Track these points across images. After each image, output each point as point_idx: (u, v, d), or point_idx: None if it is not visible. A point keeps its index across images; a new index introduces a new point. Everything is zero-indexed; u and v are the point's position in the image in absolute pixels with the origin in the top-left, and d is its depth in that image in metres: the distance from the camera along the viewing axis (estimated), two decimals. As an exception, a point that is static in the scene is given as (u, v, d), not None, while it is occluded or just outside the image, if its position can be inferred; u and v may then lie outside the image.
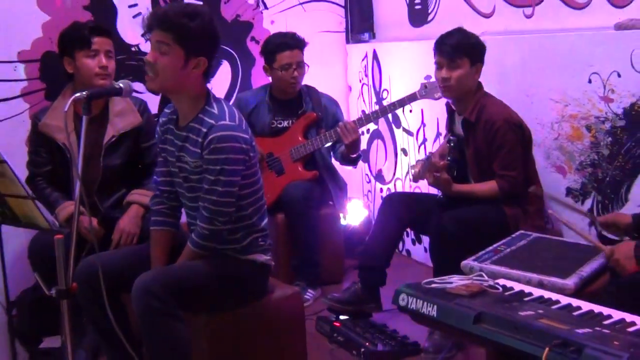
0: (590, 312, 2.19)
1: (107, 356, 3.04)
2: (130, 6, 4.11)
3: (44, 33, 3.87)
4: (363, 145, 4.35)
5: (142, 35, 4.09)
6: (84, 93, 2.47)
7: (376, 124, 4.55)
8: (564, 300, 2.32)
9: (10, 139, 3.51)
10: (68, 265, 2.28)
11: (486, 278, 2.50)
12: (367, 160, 4.77)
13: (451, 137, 3.44)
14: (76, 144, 3.14)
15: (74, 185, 2.92)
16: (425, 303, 2.36)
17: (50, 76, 3.88)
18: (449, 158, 3.34)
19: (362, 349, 3.24)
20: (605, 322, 2.09)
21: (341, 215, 4.37)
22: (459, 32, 3.38)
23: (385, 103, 4.39)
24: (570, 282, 2.54)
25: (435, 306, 2.33)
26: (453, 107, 3.53)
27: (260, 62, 4.42)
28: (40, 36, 3.88)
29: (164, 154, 2.94)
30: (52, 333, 3.41)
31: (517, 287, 2.46)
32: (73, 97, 2.48)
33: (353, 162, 4.16)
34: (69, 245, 2.26)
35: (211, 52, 2.75)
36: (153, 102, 3.86)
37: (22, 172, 3.34)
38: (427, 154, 3.58)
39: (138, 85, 3.87)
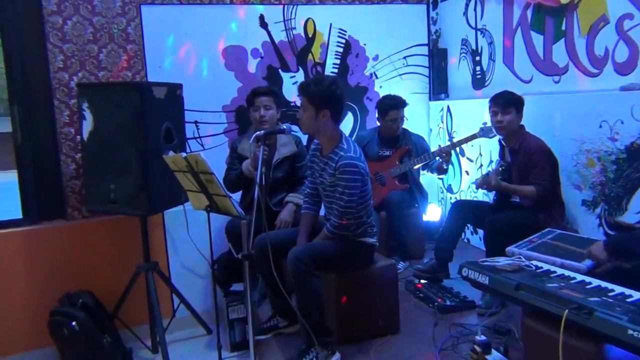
0: (599, 286, 2.07)
1: (270, 297, 3.11)
2: (291, 77, 4.20)
3: (238, 94, 4.00)
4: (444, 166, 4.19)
5: (298, 96, 4.17)
6: (262, 132, 2.55)
7: (448, 153, 4.45)
8: (579, 277, 2.19)
9: (216, 160, 3.65)
10: (249, 239, 2.35)
11: (523, 260, 2.40)
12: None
13: (502, 162, 3.33)
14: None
15: (254, 189, 3.00)
16: (480, 274, 2.30)
17: (241, 120, 4.00)
18: (499, 177, 3.23)
19: (436, 303, 3.19)
20: (610, 294, 1.97)
21: (423, 213, 4.29)
22: (508, 92, 3.31)
23: (454, 140, 4.29)
24: (584, 265, 2.40)
25: (487, 277, 2.27)
26: (503, 142, 3.41)
27: (371, 113, 4.44)
28: (236, 96, 4.01)
29: (311, 170, 2.99)
30: (237, 281, 3.50)
31: (545, 267, 2.36)
32: (255, 134, 2.56)
33: (444, 173, 4.03)
34: (250, 227, 2.34)
35: (332, 105, 2.72)
36: (304, 137, 3.92)
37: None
38: (485, 172, 3.46)
39: (295, 127, 3.94)
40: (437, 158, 3.91)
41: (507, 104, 3.25)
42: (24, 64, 3.42)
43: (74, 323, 3.11)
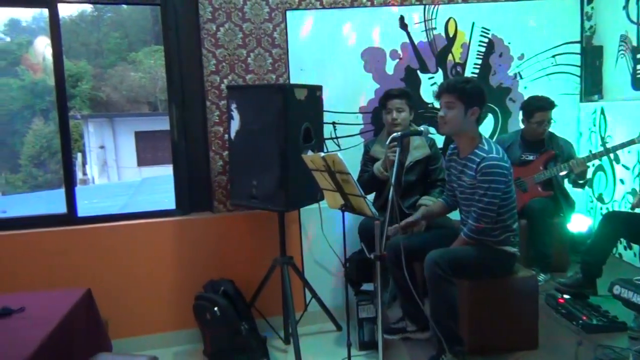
0: None
1: (400, 300, 3.11)
2: (429, 78, 4.14)
3: (375, 95, 4.03)
4: (589, 175, 3.95)
5: (435, 97, 4.10)
6: (398, 134, 2.56)
7: (600, 160, 4.11)
8: None
9: (352, 161, 3.70)
10: (382, 240, 2.37)
11: (690, 281, 2.15)
12: (591, 185, 4.32)
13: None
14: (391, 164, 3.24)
15: (387, 191, 3.02)
16: (635, 294, 2.11)
17: (377, 122, 4.03)
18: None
19: (580, 321, 2.96)
20: None
21: (567, 223, 4.00)
22: None
23: (608, 146, 3.95)
24: None
25: (644, 297, 2.06)
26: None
27: (514, 115, 4.24)
28: (373, 97, 4.05)
29: (448, 176, 2.96)
30: (368, 281, 3.54)
31: None
32: (391, 136, 2.58)
33: (581, 186, 3.82)
34: (384, 228, 2.36)
35: (481, 103, 2.72)
36: (440, 140, 3.86)
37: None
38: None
39: (432, 129, 3.89)
40: (568, 171, 3.71)
41: None
42: (181, 69, 3.76)
43: (216, 308, 3.35)
